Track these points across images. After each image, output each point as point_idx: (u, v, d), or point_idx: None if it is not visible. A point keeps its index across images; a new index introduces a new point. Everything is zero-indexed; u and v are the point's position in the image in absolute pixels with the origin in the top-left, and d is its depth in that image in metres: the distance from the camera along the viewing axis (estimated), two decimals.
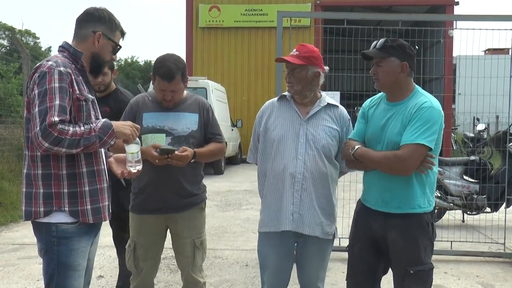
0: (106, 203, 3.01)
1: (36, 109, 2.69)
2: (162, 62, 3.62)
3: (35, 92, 2.73)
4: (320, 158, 3.44)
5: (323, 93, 3.64)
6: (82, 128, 2.76)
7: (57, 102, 2.71)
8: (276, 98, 3.68)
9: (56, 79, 2.75)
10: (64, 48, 2.98)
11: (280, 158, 3.46)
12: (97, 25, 3.01)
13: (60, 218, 2.84)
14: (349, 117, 3.66)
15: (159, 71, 3.59)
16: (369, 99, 3.58)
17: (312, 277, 3.58)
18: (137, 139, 3.03)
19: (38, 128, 2.66)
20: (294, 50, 3.50)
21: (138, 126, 3.09)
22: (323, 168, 3.44)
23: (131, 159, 3.09)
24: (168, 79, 3.58)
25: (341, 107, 3.63)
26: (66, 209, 2.84)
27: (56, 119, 2.68)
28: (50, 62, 2.80)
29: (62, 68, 2.79)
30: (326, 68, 3.55)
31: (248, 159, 3.80)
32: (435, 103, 3.24)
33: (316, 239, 3.48)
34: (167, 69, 3.57)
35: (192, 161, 3.63)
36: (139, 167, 3.14)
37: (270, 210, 3.51)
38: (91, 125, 2.83)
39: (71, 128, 2.72)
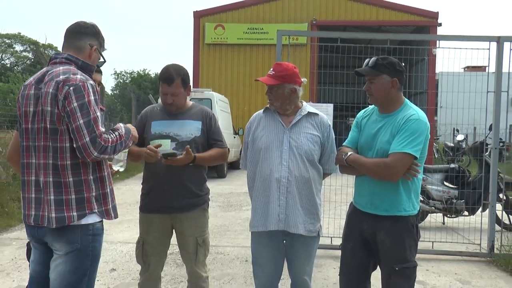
0: (115, 202, 3.02)
1: (81, 121, 2.67)
2: (165, 69, 3.71)
3: (74, 105, 2.67)
4: (302, 162, 3.44)
5: (304, 103, 3.64)
6: (113, 135, 2.81)
7: (98, 114, 2.74)
8: (262, 110, 3.68)
9: (91, 92, 2.75)
10: (70, 60, 2.87)
11: (267, 164, 3.47)
12: (93, 39, 2.97)
13: (94, 218, 2.84)
14: (330, 124, 3.64)
15: (162, 76, 3.68)
16: (363, 110, 3.59)
17: (299, 271, 3.59)
18: None
19: (87, 138, 2.66)
20: (271, 69, 3.50)
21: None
22: (306, 172, 3.45)
23: (122, 158, 3.20)
24: (168, 82, 3.63)
25: (321, 114, 3.63)
26: (96, 210, 2.83)
27: (102, 129, 2.72)
28: (78, 76, 2.75)
29: (91, 82, 2.79)
30: (304, 80, 3.55)
31: (241, 166, 3.83)
32: (422, 115, 3.24)
33: (301, 237, 3.48)
34: (168, 74, 3.64)
35: (191, 164, 3.63)
36: (122, 169, 3.29)
37: (258, 211, 3.53)
38: (118, 131, 2.87)
39: (109, 136, 2.76)
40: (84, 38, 2.93)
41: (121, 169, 3.27)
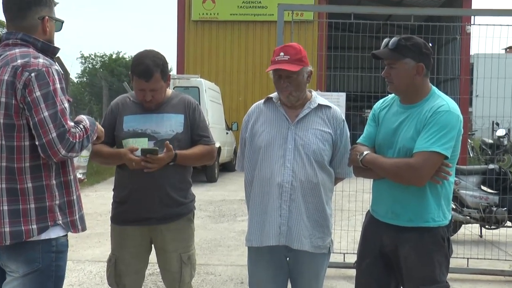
0: (83, 211, 3.00)
1: (46, 113, 2.65)
2: (139, 59, 3.63)
3: (36, 94, 2.65)
4: (310, 165, 3.43)
5: (314, 93, 3.63)
6: (79, 129, 2.79)
7: (65, 104, 2.73)
8: (262, 101, 3.67)
9: (57, 80, 2.73)
10: (27, 41, 2.83)
11: (267, 166, 3.46)
12: (40, 9, 2.89)
13: (57, 232, 2.81)
14: (344, 119, 3.62)
15: (136, 69, 3.60)
16: (381, 100, 3.57)
17: None
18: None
19: (54, 134, 2.64)
20: (282, 54, 3.41)
21: None
22: (313, 176, 3.43)
23: (83, 164, 3.21)
24: (146, 77, 3.58)
25: (334, 107, 3.62)
26: (60, 221, 2.81)
27: (71, 123, 2.71)
28: (41, 60, 2.73)
29: (56, 67, 2.77)
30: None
31: (237, 167, 3.82)
32: (453, 106, 3.23)
33: (307, 254, 3.47)
34: (145, 67, 3.57)
35: (171, 164, 3.62)
36: (83, 176, 3.28)
37: (253, 222, 3.53)
38: (82, 123, 2.86)
39: (76, 131, 2.75)
40: (29, 13, 2.87)
41: (82, 176, 3.26)
